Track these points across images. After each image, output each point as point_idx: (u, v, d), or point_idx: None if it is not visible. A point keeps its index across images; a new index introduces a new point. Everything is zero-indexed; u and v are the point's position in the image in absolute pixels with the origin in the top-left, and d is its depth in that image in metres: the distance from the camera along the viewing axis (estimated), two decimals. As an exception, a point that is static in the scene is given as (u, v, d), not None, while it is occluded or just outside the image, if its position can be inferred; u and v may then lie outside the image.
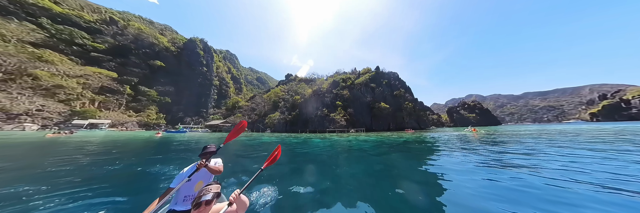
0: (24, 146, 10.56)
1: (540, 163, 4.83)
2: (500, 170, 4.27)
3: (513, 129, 31.27)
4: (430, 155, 7.01)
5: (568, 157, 5.55)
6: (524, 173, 3.85)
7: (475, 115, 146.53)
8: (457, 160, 5.64)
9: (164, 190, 1.85)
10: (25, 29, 63.06)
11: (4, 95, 50.53)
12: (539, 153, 6.25)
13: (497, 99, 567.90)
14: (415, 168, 5.05)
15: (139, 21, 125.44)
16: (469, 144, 9.98)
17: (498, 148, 7.85)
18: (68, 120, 60.06)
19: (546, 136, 13.52)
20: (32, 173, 4.33)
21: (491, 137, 14.86)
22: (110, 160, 6.16)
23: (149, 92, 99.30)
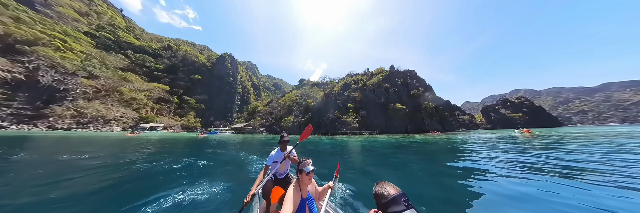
0: (117, 140, 17.45)
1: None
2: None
3: (592, 131, 21.53)
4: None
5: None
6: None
7: (522, 115, 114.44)
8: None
9: (224, 163, 5.93)
10: (117, 59, 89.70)
11: (104, 106, 72.80)
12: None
13: (558, 93, 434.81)
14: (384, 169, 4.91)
15: (185, 44, 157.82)
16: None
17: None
18: (137, 123, 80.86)
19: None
20: (124, 154, 8.16)
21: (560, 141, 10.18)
22: (174, 149, 10.38)
23: (189, 100, 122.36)
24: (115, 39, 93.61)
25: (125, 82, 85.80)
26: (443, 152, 9.20)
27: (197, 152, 9.72)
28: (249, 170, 5.30)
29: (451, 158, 6.56)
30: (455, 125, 75.71)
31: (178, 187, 3.53)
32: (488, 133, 32.52)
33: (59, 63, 63.35)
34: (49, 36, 63.21)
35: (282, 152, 2.25)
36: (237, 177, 4.63)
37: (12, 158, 6.54)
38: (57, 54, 64.07)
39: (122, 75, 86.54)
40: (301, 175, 1.43)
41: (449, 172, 4.69)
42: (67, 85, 63.65)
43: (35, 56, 58.17)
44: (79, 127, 60.46)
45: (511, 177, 3.76)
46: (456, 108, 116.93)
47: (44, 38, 61.60)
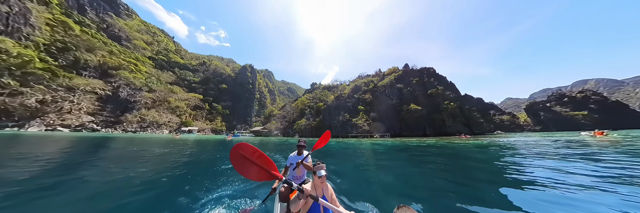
0: (170, 140, 23.10)
1: None
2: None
3: None
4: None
5: None
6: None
7: (588, 113, 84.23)
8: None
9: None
10: (168, 75, 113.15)
11: (157, 113, 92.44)
12: None
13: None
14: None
15: (216, 59, 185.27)
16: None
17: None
18: (179, 127, 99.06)
19: None
20: (174, 149, 11.14)
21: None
22: (211, 147, 15.08)
23: (217, 107, 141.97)
24: (167, 60, 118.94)
25: (172, 94, 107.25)
26: (445, 156, 7.79)
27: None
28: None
29: (457, 164, 5.43)
30: (487, 127, 65.27)
31: (220, 172, 4.68)
32: (536, 136, 26.14)
33: (131, 81, 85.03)
34: (127, 62, 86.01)
35: (299, 155, 2.40)
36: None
37: (125, 149, 10.67)
38: (131, 74, 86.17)
39: (170, 88, 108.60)
40: (315, 177, 1.57)
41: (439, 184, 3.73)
42: (135, 98, 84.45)
43: (118, 77, 79.94)
44: (141, 130, 78.93)
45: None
46: (491, 107, 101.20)
47: (124, 64, 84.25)
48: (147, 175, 4.39)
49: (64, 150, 9.23)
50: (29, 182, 3.65)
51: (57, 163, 5.73)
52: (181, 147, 12.62)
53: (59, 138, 17.80)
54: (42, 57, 55.96)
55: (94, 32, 77.21)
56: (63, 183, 3.62)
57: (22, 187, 3.36)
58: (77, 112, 62.36)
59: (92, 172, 4.63)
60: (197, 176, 4.46)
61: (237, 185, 3.52)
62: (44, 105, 54.96)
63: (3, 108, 47.19)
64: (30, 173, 4.27)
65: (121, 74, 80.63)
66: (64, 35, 63.93)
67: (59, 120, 57.21)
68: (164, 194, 3.16)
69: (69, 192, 3.24)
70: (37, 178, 3.97)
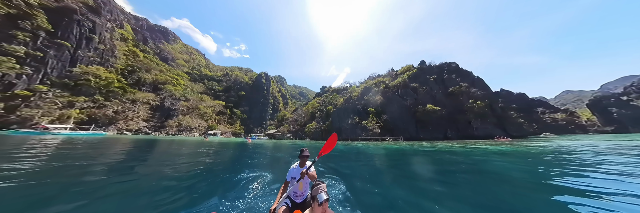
0: (202, 142, 26.95)
1: None
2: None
3: None
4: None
5: None
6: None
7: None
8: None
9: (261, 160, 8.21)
10: (199, 86, 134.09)
11: (190, 119, 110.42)
12: None
13: None
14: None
15: (237, 69, 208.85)
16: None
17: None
18: (206, 131, 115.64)
19: None
20: (204, 149, 14.85)
21: None
22: (234, 147, 22.04)
23: (237, 112, 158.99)
24: (199, 73, 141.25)
25: (201, 102, 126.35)
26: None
27: (251, 149, 15.97)
28: (282, 161, 8.36)
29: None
30: (529, 128, 54.59)
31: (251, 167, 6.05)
32: (608, 139, 18.29)
33: (173, 93, 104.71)
34: (171, 78, 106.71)
35: (301, 167, 2.08)
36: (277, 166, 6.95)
37: (172, 147, 16.77)
38: (173, 88, 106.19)
39: (200, 97, 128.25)
40: (314, 204, 1.29)
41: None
42: (175, 106, 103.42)
43: (165, 90, 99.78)
44: (179, 133, 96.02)
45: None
46: (538, 103, 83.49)
47: (169, 79, 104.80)
48: (184, 170, 5.35)
49: (144, 148, 12.72)
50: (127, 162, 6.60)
51: (132, 156, 8.57)
52: (215, 149, 14.75)
53: (129, 140, 23.22)
54: (118, 78, 75.75)
55: (151, 57, 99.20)
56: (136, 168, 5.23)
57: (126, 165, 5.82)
58: (137, 119, 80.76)
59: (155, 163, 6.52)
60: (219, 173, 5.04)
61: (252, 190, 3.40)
62: (117, 114, 73.66)
63: (93, 117, 65.67)
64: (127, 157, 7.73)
65: (167, 88, 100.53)
66: (133, 61, 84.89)
67: (125, 125, 75.57)
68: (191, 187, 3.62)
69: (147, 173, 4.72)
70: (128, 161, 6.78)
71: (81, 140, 17.80)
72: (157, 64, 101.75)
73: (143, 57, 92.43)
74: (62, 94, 56.15)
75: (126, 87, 78.55)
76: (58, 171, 4.91)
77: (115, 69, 76.07)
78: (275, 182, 3.84)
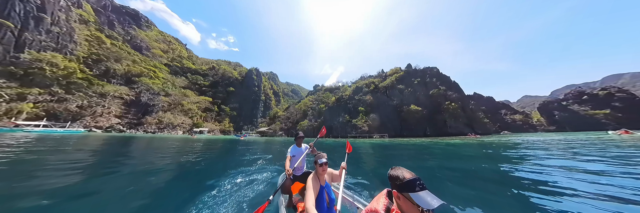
0: (190, 139, 27.98)
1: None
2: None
3: None
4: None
5: None
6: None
7: (610, 112, 77.76)
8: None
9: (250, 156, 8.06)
10: (181, 80, 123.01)
11: (172, 115, 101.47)
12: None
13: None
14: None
15: (224, 63, 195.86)
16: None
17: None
18: (191, 128, 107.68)
19: None
20: (191, 145, 14.75)
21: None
22: (228, 144, 24.09)
23: (225, 108, 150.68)
24: (181, 66, 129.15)
25: (185, 97, 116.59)
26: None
27: (246, 144, 17.20)
28: (275, 156, 8.14)
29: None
30: (492, 127, 63.44)
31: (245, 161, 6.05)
32: (550, 136, 22.73)
33: (151, 87, 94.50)
34: (147, 69, 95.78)
35: (298, 147, 2.54)
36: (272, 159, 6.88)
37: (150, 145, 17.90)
38: (150, 81, 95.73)
39: (183, 92, 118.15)
40: (317, 166, 1.67)
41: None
42: (154, 102, 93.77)
43: (140, 84, 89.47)
44: (159, 131, 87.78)
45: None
46: (502, 106, 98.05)
47: (145, 71, 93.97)
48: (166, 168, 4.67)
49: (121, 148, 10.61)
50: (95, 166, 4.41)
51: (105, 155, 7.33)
52: (206, 144, 15.25)
53: (98, 137, 20.90)
54: (81, 68, 65.51)
55: (120, 44, 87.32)
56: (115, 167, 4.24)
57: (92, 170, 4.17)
58: (108, 115, 71.55)
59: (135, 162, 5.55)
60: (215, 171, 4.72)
61: (244, 182, 3.31)
62: (82, 110, 64.21)
63: (52, 112, 56.30)
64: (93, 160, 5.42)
65: (142, 81, 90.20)
66: (98, 49, 73.78)
67: (93, 122, 66.41)
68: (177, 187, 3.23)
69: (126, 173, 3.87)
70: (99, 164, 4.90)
71: (55, 139, 15.65)
72: (128, 53, 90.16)
73: (110, 44, 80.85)
74: (8, 84, 46.61)
75: (92, 79, 68.47)
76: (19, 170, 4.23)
77: (77, 56, 65.38)
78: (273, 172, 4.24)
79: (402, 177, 0.75)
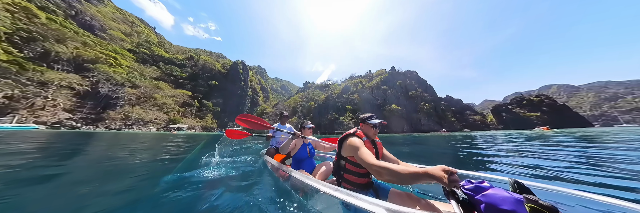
0: (170, 135, 24.07)
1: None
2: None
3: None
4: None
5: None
6: None
7: (540, 114, 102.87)
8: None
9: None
10: (152, 70, 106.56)
11: (143, 110, 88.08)
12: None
13: (603, 88, 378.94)
14: None
15: (204, 53, 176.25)
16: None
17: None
18: (167, 124, 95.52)
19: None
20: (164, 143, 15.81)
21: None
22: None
23: (207, 104, 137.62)
24: (150, 53, 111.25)
25: (158, 90, 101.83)
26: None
27: (234, 141, 16.75)
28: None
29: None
30: (457, 126, 76.94)
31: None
32: (490, 133, 28.37)
33: (112, 76, 79.40)
34: (105, 55, 79.66)
35: (282, 124, 2.84)
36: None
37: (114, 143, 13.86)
38: (110, 69, 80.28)
39: (156, 83, 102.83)
40: (303, 130, 1.98)
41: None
42: (118, 94, 79.41)
43: (97, 72, 74.26)
44: (126, 128, 75.31)
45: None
46: (468, 107, 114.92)
47: (102, 57, 78.01)
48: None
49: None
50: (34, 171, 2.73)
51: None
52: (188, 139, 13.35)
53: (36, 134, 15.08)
54: (5, 48, 50.48)
55: (62, 20, 69.96)
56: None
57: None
58: (52, 109, 57.89)
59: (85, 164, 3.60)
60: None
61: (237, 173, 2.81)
62: (14, 101, 50.33)
63: (-37, 104, 42.78)
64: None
65: (99, 68, 74.94)
66: (28, 23, 57.41)
67: (31, 116, 52.90)
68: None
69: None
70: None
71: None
72: (75, 33, 73.39)
73: (46, 19, 63.94)
74: None
75: (24, 63, 53.58)
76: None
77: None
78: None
79: (366, 115, 1.28)
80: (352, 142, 1.08)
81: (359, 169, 1.11)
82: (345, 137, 1.19)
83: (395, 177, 0.74)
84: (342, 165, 1.18)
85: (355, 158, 1.04)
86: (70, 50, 67.78)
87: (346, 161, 1.16)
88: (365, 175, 1.13)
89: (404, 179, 0.72)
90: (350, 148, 1.08)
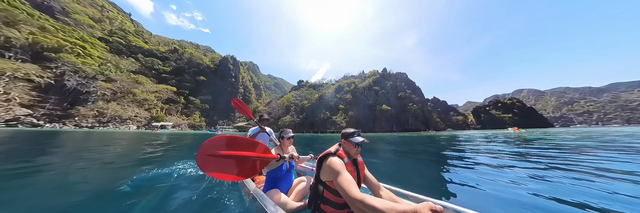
0: (152, 134, 22.44)
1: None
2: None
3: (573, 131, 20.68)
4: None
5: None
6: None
7: (512, 116, 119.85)
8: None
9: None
10: (129, 62, 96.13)
11: (120, 106, 79.63)
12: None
13: (563, 93, 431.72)
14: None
15: (189, 46, 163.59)
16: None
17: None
18: (149, 122, 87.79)
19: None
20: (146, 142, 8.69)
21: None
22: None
23: (194, 100, 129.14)
24: (126, 43, 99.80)
25: (137, 84, 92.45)
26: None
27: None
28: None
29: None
30: (441, 126, 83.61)
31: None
32: (469, 133, 31.75)
33: (80, 68, 69.91)
34: (71, 43, 69.57)
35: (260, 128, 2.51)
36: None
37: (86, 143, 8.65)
38: (78, 59, 70.57)
39: (134, 77, 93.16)
40: (283, 140, 1.82)
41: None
42: (89, 88, 70.38)
43: (61, 62, 64.73)
44: (101, 125, 67.52)
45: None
46: (452, 108, 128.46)
47: (66, 45, 68.01)
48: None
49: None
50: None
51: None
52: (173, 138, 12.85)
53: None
54: None
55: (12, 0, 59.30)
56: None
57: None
58: (6, 104, 49.47)
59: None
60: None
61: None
62: (-50, 95, 41.88)
63: None
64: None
65: (64, 58, 65.42)
66: (-33, 1, 47.46)
67: (-23, 113, 44.69)
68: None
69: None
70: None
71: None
72: (29, 16, 62.96)
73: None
74: None
75: (-39, 48, 44.53)
76: None
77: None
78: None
79: (349, 131, 1.16)
80: (332, 164, 0.98)
81: (338, 199, 1.00)
82: (325, 156, 1.07)
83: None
84: (319, 192, 1.06)
85: (334, 184, 0.94)
86: (24, 35, 57.93)
87: (325, 187, 1.03)
88: (344, 206, 1.02)
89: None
90: (329, 171, 0.98)
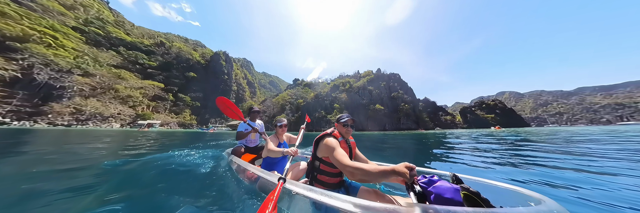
0: (139, 132, 20.15)
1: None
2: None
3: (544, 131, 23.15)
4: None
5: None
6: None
7: (494, 116, 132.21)
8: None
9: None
10: (110, 56, 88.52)
11: (101, 103, 73.53)
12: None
13: (539, 96, 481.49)
14: None
15: (177, 39, 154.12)
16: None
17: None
18: (135, 120, 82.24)
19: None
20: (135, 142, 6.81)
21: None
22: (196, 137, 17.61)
23: (184, 98, 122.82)
24: (105, 34, 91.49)
25: (120, 80, 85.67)
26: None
27: (215, 135, 15.82)
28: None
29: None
30: (430, 125, 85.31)
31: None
32: (457, 131, 35.11)
33: (52, 60, 63.05)
34: (39, 32, 62.25)
35: (253, 121, 2.52)
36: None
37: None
38: (49, 51, 63.56)
39: (116, 72, 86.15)
40: (276, 128, 1.94)
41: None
42: (63, 83, 63.87)
43: (29, 53, 57.86)
44: (79, 124, 61.87)
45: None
46: (441, 109, 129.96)
47: (34, 34, 60.74)
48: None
49: None
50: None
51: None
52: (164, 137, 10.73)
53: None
54: None
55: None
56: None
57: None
58: (-39, 100, 43.43)
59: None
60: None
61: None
62: None
63: None
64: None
65: (31, 49, 58.54)
66: None
67: None
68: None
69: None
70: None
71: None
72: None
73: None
74: None
75: None
76: None
77: None
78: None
79: (340, 116, 1.32)
80: (329, 143, 1.12)
81: (332, 169, 1.16)
82: (322, 137, 1.21)
83: (367, 176, 0.82)
84: (316, 166, 1.21)
85: (330, 158, 1.08)
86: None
87: (321, 162, 1.19)
88: (337, 175, 1.20)
89: (375, 177, 0.81)
90: (326, 148, 1.11)
